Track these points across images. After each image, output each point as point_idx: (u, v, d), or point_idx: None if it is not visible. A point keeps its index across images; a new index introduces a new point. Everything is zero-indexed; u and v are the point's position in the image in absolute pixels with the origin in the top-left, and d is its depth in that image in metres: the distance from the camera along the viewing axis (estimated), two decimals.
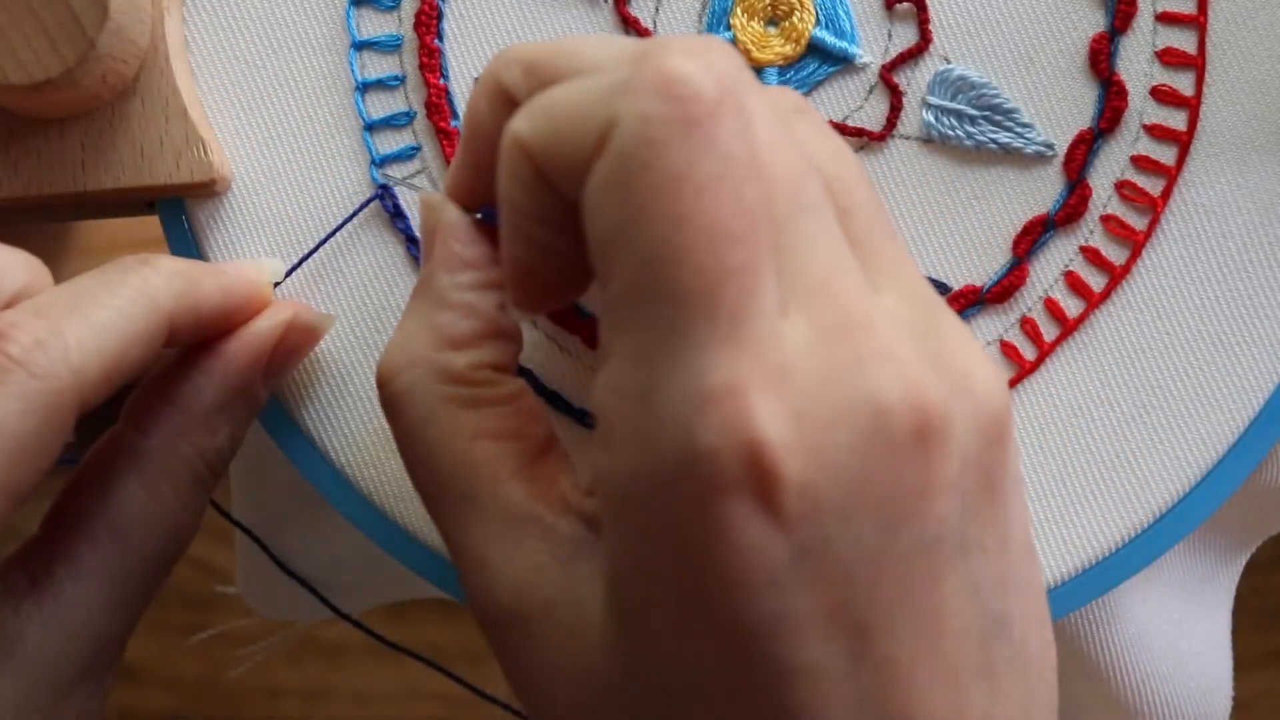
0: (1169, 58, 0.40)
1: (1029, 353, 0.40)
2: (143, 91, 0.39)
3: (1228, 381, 0.40)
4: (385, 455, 0.40)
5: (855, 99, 0.40)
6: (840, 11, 0.40)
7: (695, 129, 0.28)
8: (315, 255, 0.40)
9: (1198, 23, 0.39)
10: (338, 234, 0.40)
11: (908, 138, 0.40)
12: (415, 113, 0.41)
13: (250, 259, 0.40)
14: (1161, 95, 0.40)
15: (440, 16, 0.41)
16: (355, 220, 0.40)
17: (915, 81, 0.40)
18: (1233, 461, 0.40)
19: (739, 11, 0.40)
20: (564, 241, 0.32)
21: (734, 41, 0.40)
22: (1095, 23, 0.40)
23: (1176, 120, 0.40)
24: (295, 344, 0.39)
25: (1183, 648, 0.46)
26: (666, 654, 0.29)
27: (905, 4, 0.40)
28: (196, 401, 0.37)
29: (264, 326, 0.38)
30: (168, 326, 0.35)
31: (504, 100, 0.33)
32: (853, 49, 0.40)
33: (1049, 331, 0.40)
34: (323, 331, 0.40)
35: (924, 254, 0.40)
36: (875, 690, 0.28)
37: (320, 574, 0.49)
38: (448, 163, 0.40)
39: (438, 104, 0.40)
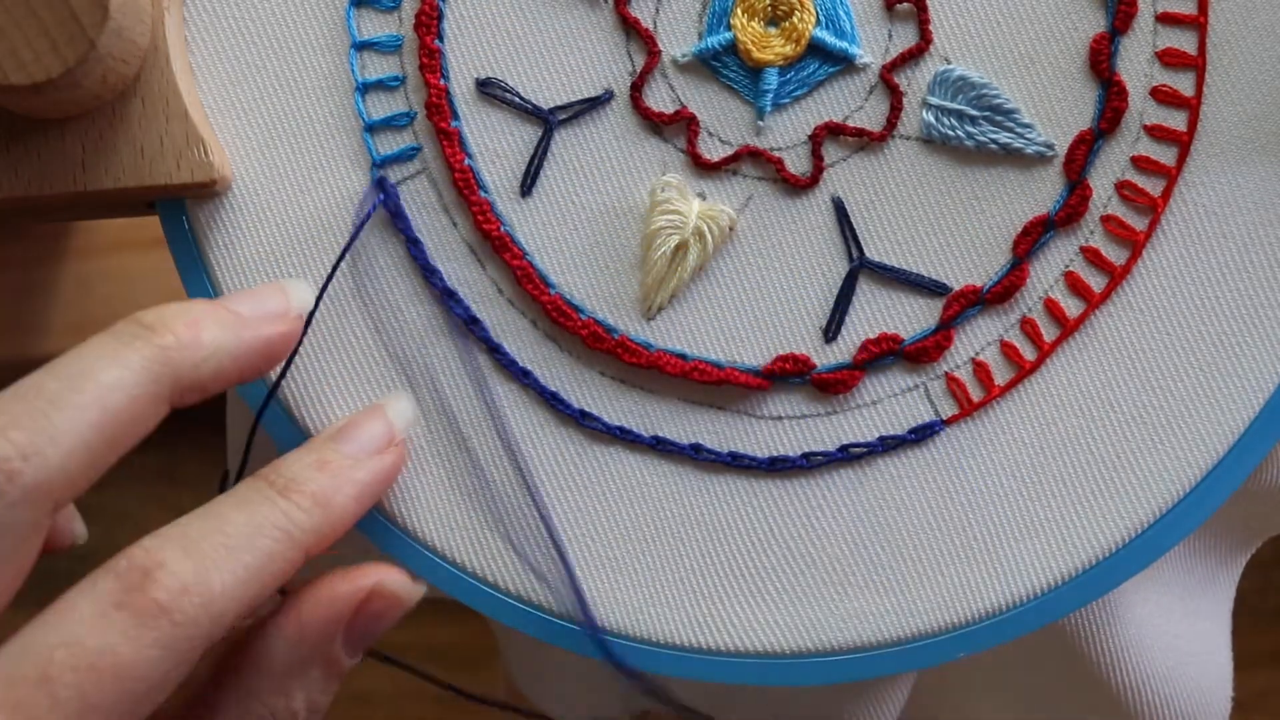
0: (1169, 58, 0.40)
1: (1029, 353, 0.40)
2: (143, 92, 0.39)
3: (1228, 381, 0.40)
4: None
5: (856, 99, 0.40)
6: (840, 11, 0.40)
7: None
8: (314, 254, 0.40)
9: (1198, 23, 0.39)
10: (336, 235, 0.40)
11: (908, 138, 0.40)
12: (415, 113, 0.41)
13: (280, 286, 0.38)
14: (1162, 96, 0.40)
15: (440, 17, 0.41)
16: (355, 221, 0.40)
17: (916, 82, 0.40)
18: (1233, 461, 0.40)
19: (739, 11, 0.40)
20: None
21: (734, 41, 0.40)
22: (1096, 23, 0.40)
23: (1177, 121, 0.40)
24: (378, 612, 0.37)
25: (1183, 648, 0.46)
26: None
27: (905, 4, 0.40)
28: (269, 662, 0.36)
29: (343, 591, 0.37)
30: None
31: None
32: (853, 49, 0.40)
33: (1049, 332, 0.40)
34: (410, 602, 0.38)
35: (924, 254, 0.40)
36: None
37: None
38: (448, 163, 0.40)
39: (438, 104, 0.40)
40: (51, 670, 0.31)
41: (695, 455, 0.40)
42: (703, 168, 0.40)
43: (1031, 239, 0.40)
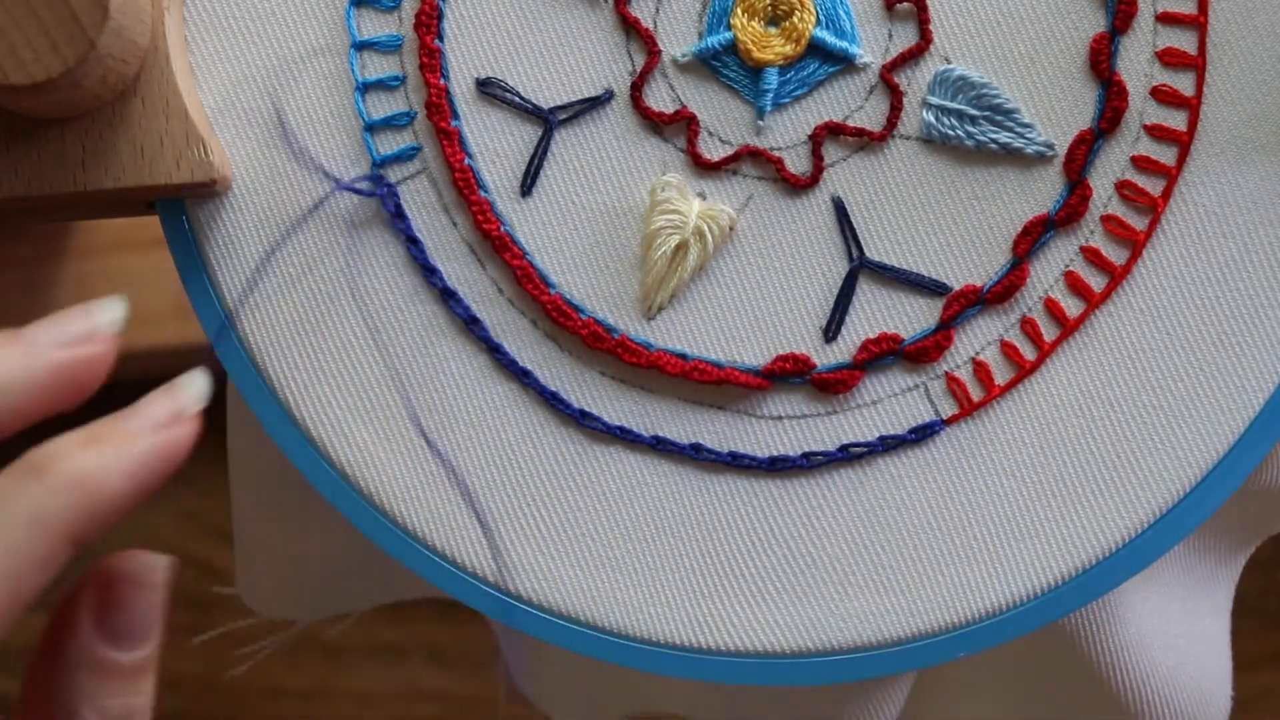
0: (1169, 58, 0.40)
1: (1029, 353, 0.40)
2: (143, 91, 0.39)
3: (1228, 381, 0.40)
4: (385, 455, 0.40)
5: (856, 99, 0.40)
6: (841, 11, 0.40)
7: None
8: (314, 254, 0.40)
9: (1198, 23, 0.39)
10: (337, 235, 0.40)
11: (908, 138, 0.40)
12: (415, 113, 0.41)
13: (84, 307, 0.36)
14: (1162, 95, 0.40)
15: (440, 17, 0.41)
16: (355, 221, 0.41)
17: (916, 81, 0.40)
18: (1233, 461, 0.40)
19: (739, 11, 0.40)
20: None
21: (734, 41, 0.40)
22: (1096, 23, 0.40)
23: (1177, 120, 0.40)
24: (123, 597, 0.35)
25: (1182, 648, 0.46)
26: None
27: (905, 4, 0.40)
28: (38, 686, 0.34)
29: (77, 587, 0.35)
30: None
31: None
32: (853, 49, 0.40)
33: (1049, 332, 0.40)
34: (154, 578, 0.35)
35: (924, 254, 0.40)
36: None
37: (320, 574, 0.49)
38: (448, 163, 0.40)
39: (438, 104, 0.40)
40: None
41: (695, 455, 0.40)
42: (703, 167, 0.40)
43: (1031, 239, 0.40)
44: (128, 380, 0.38)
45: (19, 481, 0.33)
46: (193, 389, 0.36)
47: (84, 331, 0.35)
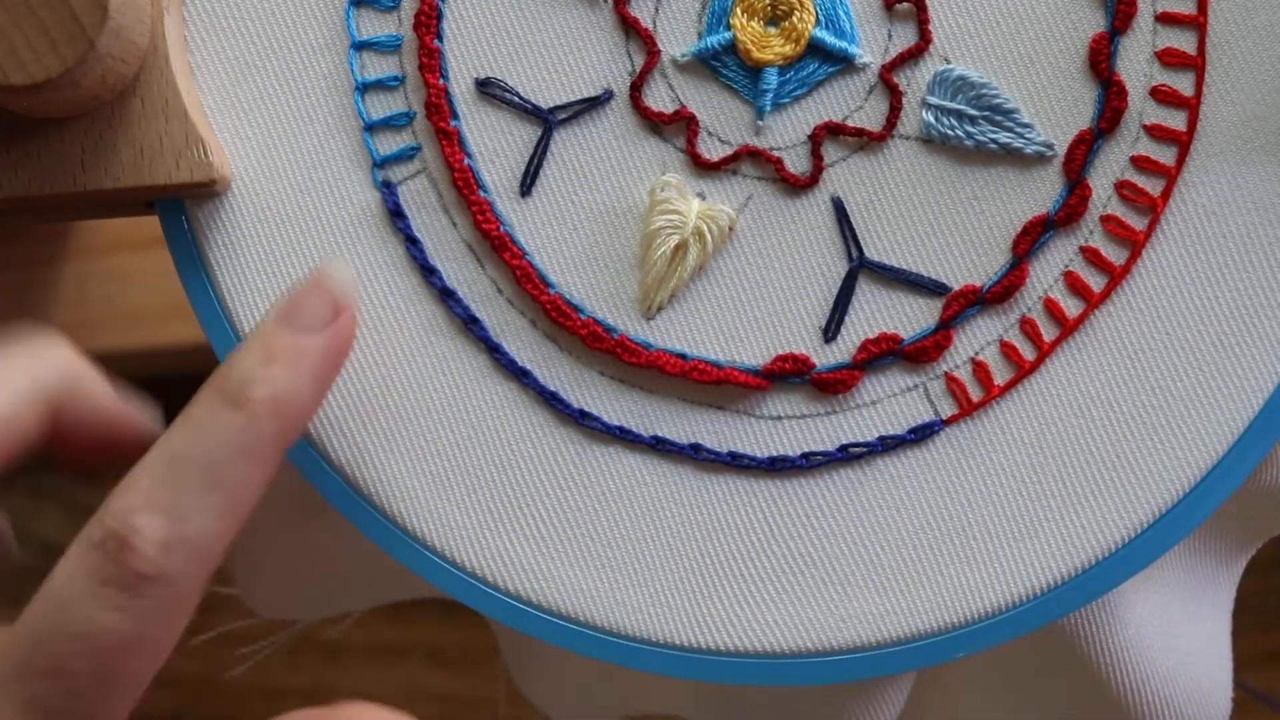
0: (1169, 58, 0.40)
1: (1029, 353, 0.40)
2: (142, 91, 0.39)
3: (1228, 381, 0.40)
4: (385, 455, 0.40)
5: (855, 99, 0.40)
6: (840, 11, 0.40)
7: None
8: (314, 254, 0.40)
9: (1198, 23, 0.39)
10: (337, 235, 0.40)
11: (908, 138, 0.40)
12: (415, 113, 0.41)
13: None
14: (1161, 95, 0.40)
15: (440, 17, 0.41)
16: (355, 219, 0.41)
17: (915, 81, 0.40)
18: (1233, 461, 0.40)
19: (739, 11, 0.40)
20: None
21: (734, 41, 0.40)
22: (1095, 23, 0.40)
23: (1176, 120, 0.40)
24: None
25: (1183, 648, 0.46)
26: None
27: (905, 4, 0.40)
28: None
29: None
30: (49, 416, 0.34)
31: None
32: (853, 49, 0.40)
33: (1049, 332, 0.40)
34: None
35: (924, 254, 0.40)
36: None
37: (320, 574, 0.49)
38: (447, 163, 0.40)
39: (438, 104, 0.40)
40: (61, 662, 0.32)
41: (695, 455, 0.40)
42: (702, 167, 0.40)
43: (1031, 239, 0.40)
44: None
45: (219, 413, 0.34)
46: (341, 277, 0.37)
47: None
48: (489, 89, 0.41)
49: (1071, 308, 0.40)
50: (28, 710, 0.32)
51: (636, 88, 0.40)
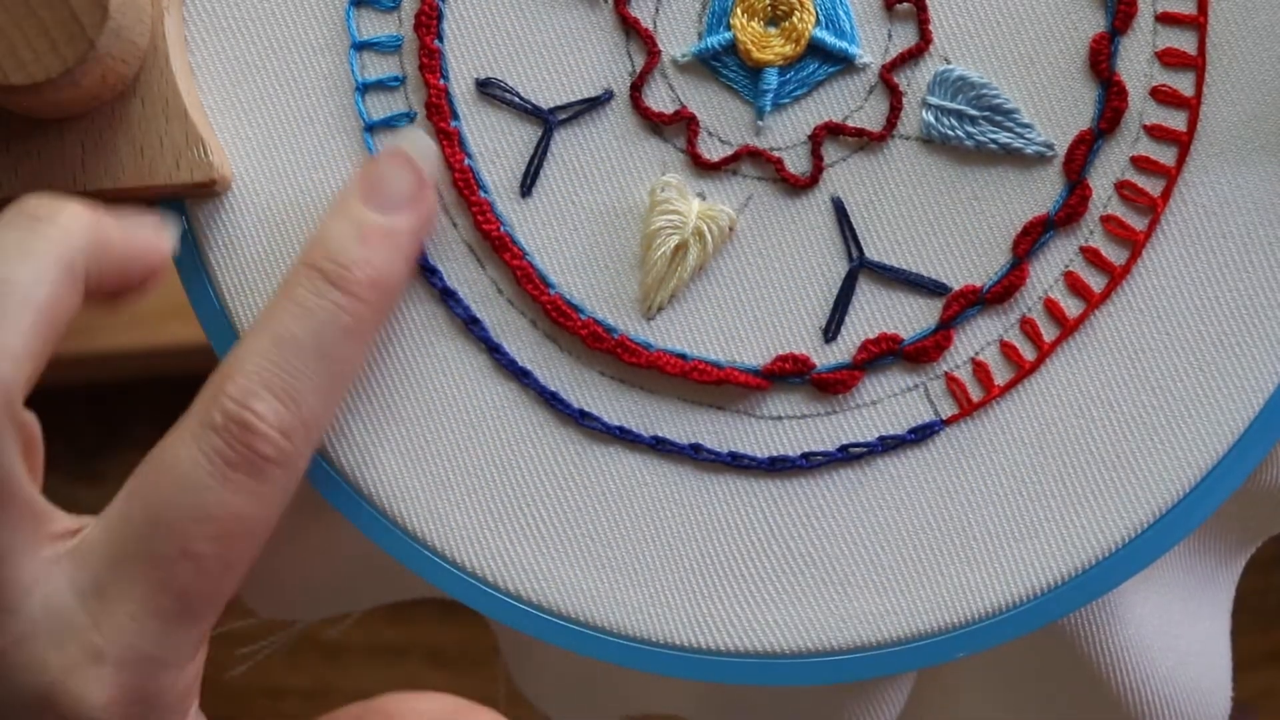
0: (1169, 58, 0.40)
1: (1029, 353, 0.40)
2: (143, 92, 0.39)
3: (1228, 381, 0.40)
4: (386, 455, 0.40)
5: (855, 99, 0.40)
6: (840, 12, 0.40)
7: None
8: None
9: (1198, 23, 0.39)
10: None
11: (908, 138, 0.40)
12: (415, 113, 0.41)
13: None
14: (1162, 96, 0.40)
15: (440, 17, 0.41)
16: None
17: (915, 82, 0.40)
18: (1233, 462, 0.40)
19: (739, 11, 0.40)
20: None
21: (734, 41, 0.40)
22: (1095, 23, 0.40)
23: (1176, 121, 0.40)
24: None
25: (1182, 648, 0.46)
26: None
27: (905, 4, 0.40)
28: None
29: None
30: (81, 283, 0.34)
31: None
32: (853, 49, 0.40)
33: (1049, 332, 0.40)
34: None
35: (924, 254, 0.40)
36: None
37: (321, 574, 0.49)
38: (448, 163, 0.40)
39: (438, 105, 0.40)
40: (191, 545, 0.33)
41: (695, 455, 0.40)
42: (702, 168, 0.40)
43: (1031, 239, 0.40)
44: (129, 380, 0.38)
45: (322, 291, 0.35)
46: (421, 148, 0.38)
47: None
48: (489, 89, 0.41)
49: (1072, 308, 0.40)
50: (160, 592, 0.33)
51: (637, 88, 0.40)
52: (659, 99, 0.41)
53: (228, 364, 0.35)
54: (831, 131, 0.40)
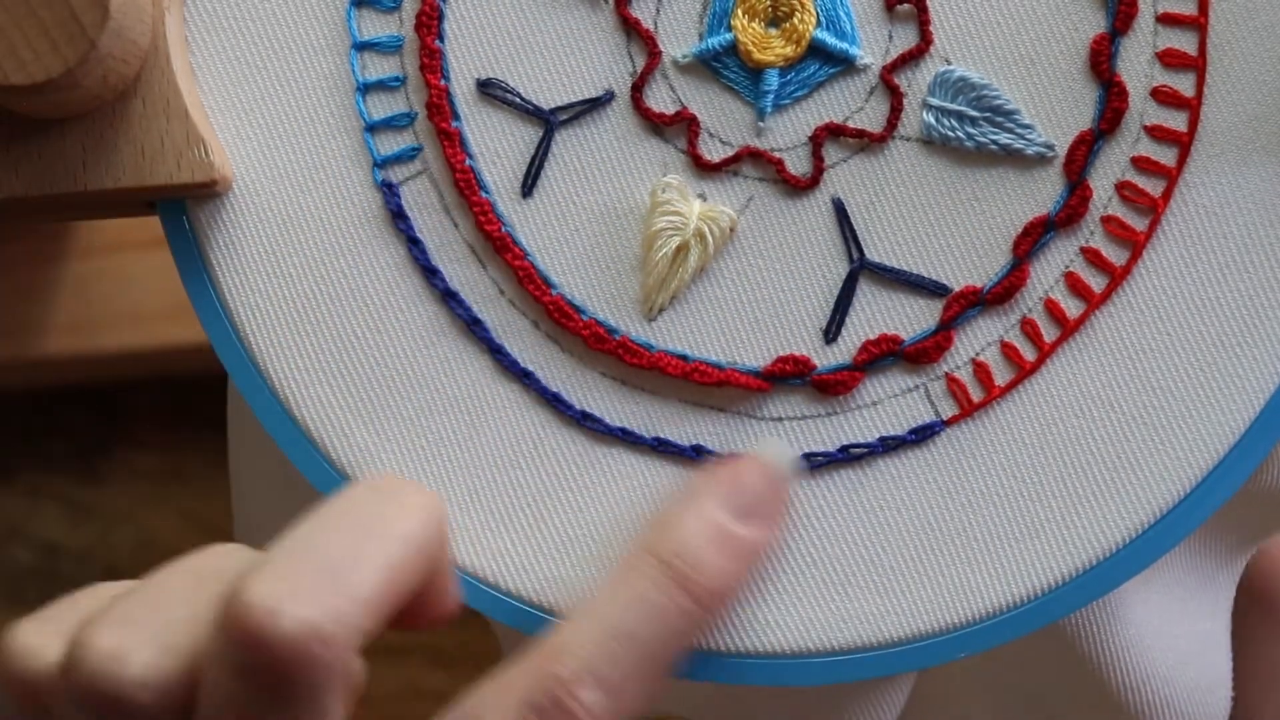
0: (1170, 59, 0.40)
1: (1029, 354, 0.40)
2: (143, 91, 0.39)
3: (1228, 382, 0.40)
4: (385, 455, 0.40)
5: (856, 100, 0.40)
6: (841, 13, 0.40)
7: None
8: (315, 254, 0.40)
9: (1198, 23, 0.39)
10: (338, 235, 0.40)
11: (908, 139, 0.40)
12: (416, 114, 0.41)
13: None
14: (1162, 96, 0.40)
15: (441, 17, 0.41)
16: (356, 220, 0.41)
17: (916, 83, 0.40)
18: (1233, 462, 0.40)
19: (739, 13, 0.40)
20: None
21: (735, 42, 0.40)
22: (1096, 24, 0.40)
23: (1177, 121, 0.40)
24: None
25: (1183, 648, 0.46)
26: None
27: (906, 5, 0.40)
28: None
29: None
30: (427, 571, 0.34)
31: None
32: (853, 50, 0.40)
33: (1049, 332, 0.40)
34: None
35: (924, 254, 0.40)
36: None
37: None
38: (449, 164, 0.40)
39: (439, 105, 0.40)
40: None
41: (697, 456, 0.40)
42: (703, 168, 0.40)
43: (1032, 239, 0.40)
44: (128, 380, 0.38)
45: (667, 590, 0.35)
46: (780, 460, 0.38)
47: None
48: (490, 90, 0.41)
49: (1072, 308, 0.40)
50: None
51: (638, 89, 0.40)
52: (660, 100, 0.41)
53: (558, 641, 0.35)
54: (832, 132, 0.40)
